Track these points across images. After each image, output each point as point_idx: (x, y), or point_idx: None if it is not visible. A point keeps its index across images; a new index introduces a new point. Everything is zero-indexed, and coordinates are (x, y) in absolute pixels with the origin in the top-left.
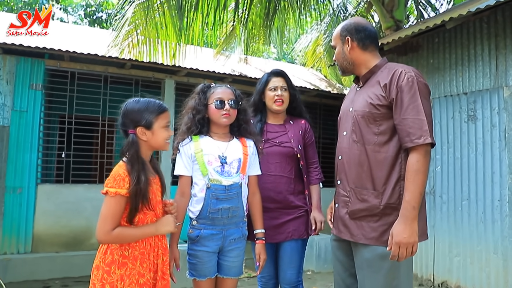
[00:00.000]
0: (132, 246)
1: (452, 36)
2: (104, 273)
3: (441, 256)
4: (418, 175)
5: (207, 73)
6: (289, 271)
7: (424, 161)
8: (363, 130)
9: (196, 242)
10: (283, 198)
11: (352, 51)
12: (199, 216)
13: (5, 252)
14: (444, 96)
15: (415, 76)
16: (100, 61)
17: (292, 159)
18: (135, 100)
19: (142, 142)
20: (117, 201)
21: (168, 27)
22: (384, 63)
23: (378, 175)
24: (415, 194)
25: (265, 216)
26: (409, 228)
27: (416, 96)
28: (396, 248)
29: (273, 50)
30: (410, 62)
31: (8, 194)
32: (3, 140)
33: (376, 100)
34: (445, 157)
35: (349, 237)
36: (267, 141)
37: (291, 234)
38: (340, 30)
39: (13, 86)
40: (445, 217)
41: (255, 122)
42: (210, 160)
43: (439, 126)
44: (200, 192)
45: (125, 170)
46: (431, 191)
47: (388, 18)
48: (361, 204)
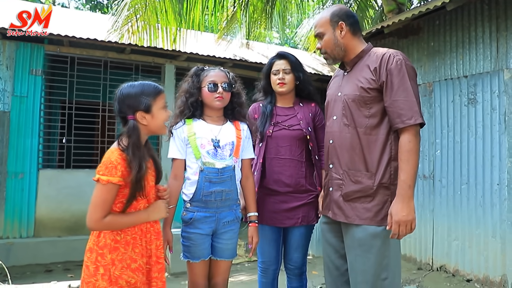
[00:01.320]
0: (124, 231)
1: (453, 18)
2: (98, 256)
3: (439, 240)
4: (411, 155)
5: (207, 57)
6: (296, 254)
7: (415, 141)
8: (354, 113)
9: (190, 225)
10: (294, 182)
11: (345, 36)
12: (192, 198)
13: (7, 237)
14: (445, 80)
15: (403, 59)
16: (100, 46)
17: (302, 141)
18: (129, 85)
19: (142, 127)
20: (109, 189)
21: (168, 11)
22: (370, 47)
23: (371, 157)
24: (410, 173)
25: (274, 200)
26: (406, 206)
27: (405, 79)
28: (396, 227)
29: (275, 35)
30: (410, 45)
31: (10, 179)
32: (4, 125)
33: (367, 83)
34: (445, 141)
35: (344, 219)
36: (276, 124)
37: (300, 220)
38: (330, 16)
39: (13, 72)
40: (444, 201)
41: (265, 104)
42: (203, 143)
43: (439, 110)
44: (194, 175)
45: (118, 157)
46: (431, 175)
47: (390, 1)
48: (355, 186)
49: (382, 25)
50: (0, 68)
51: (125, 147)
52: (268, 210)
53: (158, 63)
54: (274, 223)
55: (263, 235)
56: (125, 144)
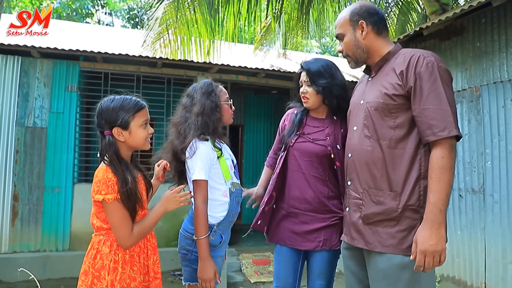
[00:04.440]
0: (122, 250)
1: (501, 14)
2: (94, 278)
3: (493, 263)
4: (444, 173)
5: (239, 68)
6: (318, 281)
7: (449, 157)
8: (377, 123)
9: (218, 248)
10: (316, 200)
11: (367, 36)
12: (222, 221)
13: (44, 250)
14: (494, 83)
15: (435, 61)
16: (132, 61)
17: (326, 159)
18: (109, 99)
19: (120, 143)
20: (119, 205)
21: (200, 24)
22: (398, 49)
23: (395, 174)
24: (442, 195)
25: (294, 219)
26: (435, 234)
27: (438, 83)
28: (421, 257)
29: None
30: (454, 47)
31: (47, 193)
32: (42, 141)
33: (392, 89)
34: (496, 151)
35: (363, 244)
36: (302, 135)
37: (322, 244)
38: (350, 15)
39: (50, 89)
40: (497, 218)
41: (297, 112)
42: (230, 164)
43: (488, 117)
44: (223, 196)
45: (111, 173)
46: (480, 190)
47: (433, 2)
48: (377, 207)
49: (420, 27)
50: (38, 85)
51: (106, 161)
52: (286, 229)
53: (190, 76)
54: (293, 244)
55: (280, 257)
56: (106, 159)
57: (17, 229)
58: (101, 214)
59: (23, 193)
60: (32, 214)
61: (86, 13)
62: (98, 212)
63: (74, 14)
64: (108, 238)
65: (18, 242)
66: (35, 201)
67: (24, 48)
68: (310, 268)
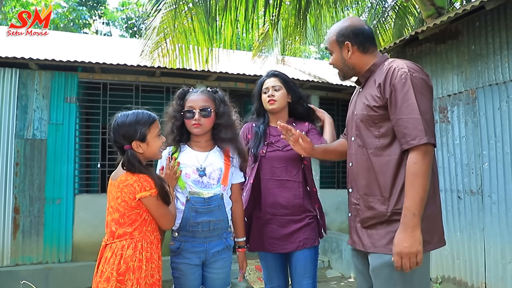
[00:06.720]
0: (144, 248)
1: (495, 18)
2: (117, 283)
3: (493, 263)
4: (416, 179)
5: (238, 76)
6: (305, 281)
7: (422, 163)
8: (364, 134)
9: (178, 255)
10: (291, 204)
11: (352, 55)
12: (179, 228)
13: (46, 261)
14: (489, 85)
15: (408, 71)
16: (130, 71)
17: (297, 161)
18: (123, 115)
19: (138, 154)
20: (159, 198)
21: (197, 32)
22: (383, 60)
23: (384, 180)
24: (415, 199)
25: (273, 225)
26: (409, 237)
27: (410, 94)
28: (398, 259)
29: (313, 49)
30: (449, 50)
31: (48, 205)
32: (42, 153)
33: (373, 101)
34: (493, 153)
35: (361, 247)
36: (270, 145)
37: (303, 243)
38: (336, 35)
39: (49, 100)
40: (495, 219)
41: (258, 124)
42: (188, 172)
43: (485, 119)
44: (181, 205)
45: (143, 174)
46: (479, 191)
47: (429, 6)
48: (369, 212)
49: (416, 31)
50: (37, 97)
51: (134, 170)
52: (268, 237)
53: (189, 84)
54: (276, 249)
55: (267, 263)
56: (133, 168)
57: (19, 241)
58: (130, 217)
59: (24, 205)
60: (33, 226)
61: (84, 24)
62: (123, 216)
63: (71, 24)
64: (132, 241)
65: (20, 255)
66: (36, 213)
67: (21, 60)
68: (294, 268)
